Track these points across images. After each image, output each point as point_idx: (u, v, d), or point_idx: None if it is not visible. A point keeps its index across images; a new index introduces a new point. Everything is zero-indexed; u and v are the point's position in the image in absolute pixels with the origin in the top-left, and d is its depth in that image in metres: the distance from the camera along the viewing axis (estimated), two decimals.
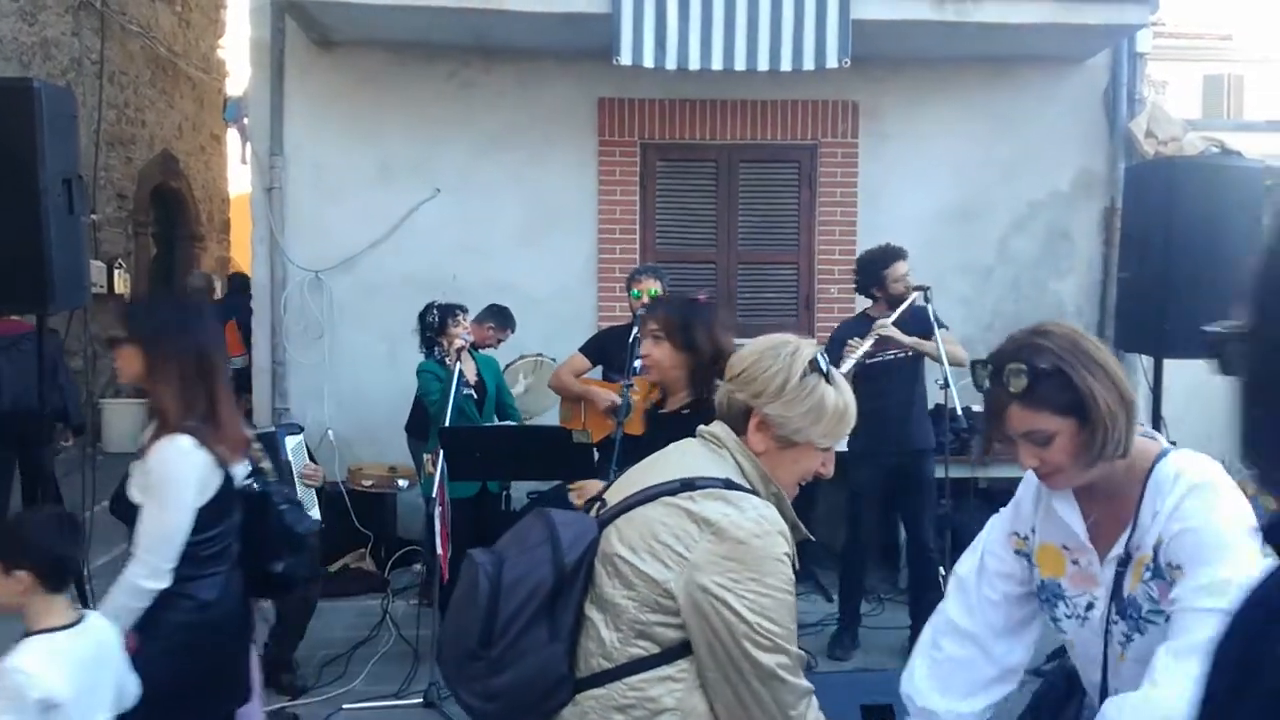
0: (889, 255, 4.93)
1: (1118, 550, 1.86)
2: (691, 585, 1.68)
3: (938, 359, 4.71)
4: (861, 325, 4.90)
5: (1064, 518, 1.92)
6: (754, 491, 1.78)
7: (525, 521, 1.85)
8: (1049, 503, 1.96)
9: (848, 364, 4.61)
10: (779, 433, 1.81)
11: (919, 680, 2.07)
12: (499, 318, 5.97)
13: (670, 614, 1.70)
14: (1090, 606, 1.91)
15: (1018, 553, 2.04)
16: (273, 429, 4.89)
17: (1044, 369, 1.76)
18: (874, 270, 4.96)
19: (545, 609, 1.71)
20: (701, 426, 1.90)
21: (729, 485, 1.75)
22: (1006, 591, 2.05)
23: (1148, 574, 1.81)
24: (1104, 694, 1.92)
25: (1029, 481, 2.05)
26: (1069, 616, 1.95)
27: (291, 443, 4.76)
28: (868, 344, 4.68)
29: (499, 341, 5.95)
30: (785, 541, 1.73)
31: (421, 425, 5.81)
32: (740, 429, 1.84)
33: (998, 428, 1.85)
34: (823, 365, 1.83)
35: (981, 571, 2.08)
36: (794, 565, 1.76)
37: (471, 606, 1.73)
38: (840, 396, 1.84)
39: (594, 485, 3.13)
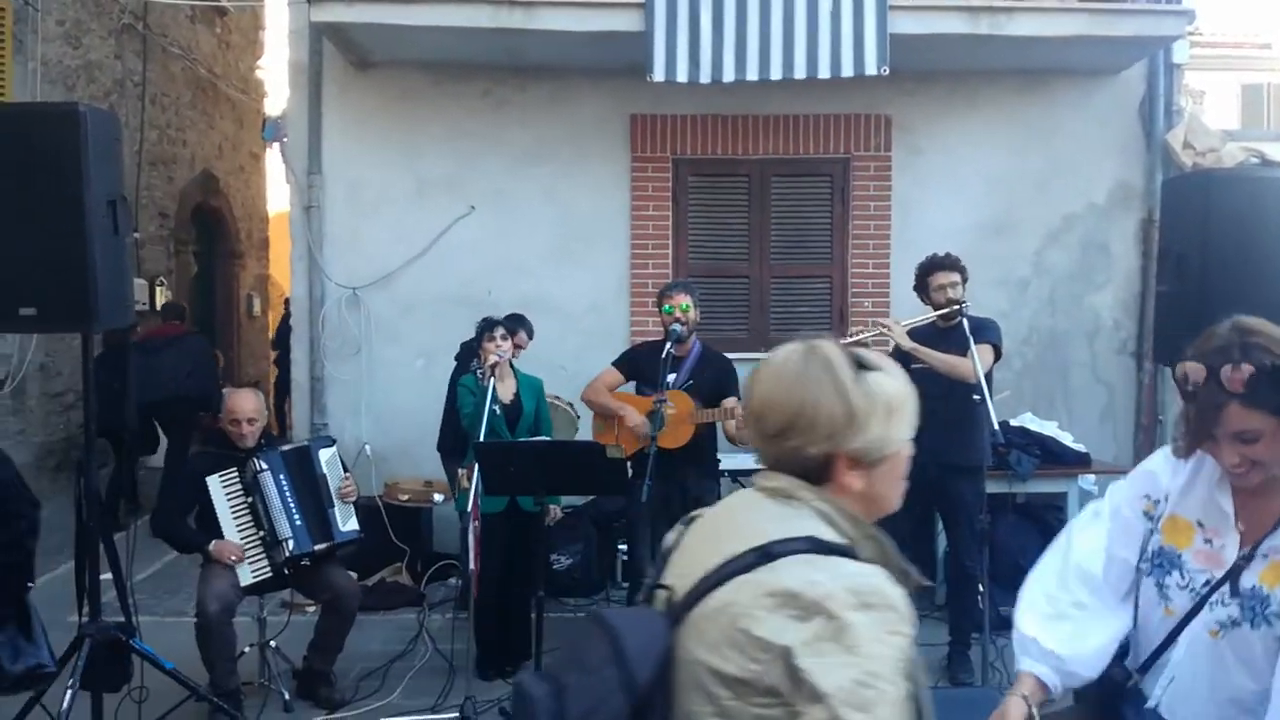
0: (934, 264, 4.97)
1: (1249, 544, 1.93)
2: (784, 676, 1.33)
3: (943, 371, 4.71)
4: (922, 330, 4.93)
5: (1218, 500, 1.97)
6: (849, 549, 1.43)
7: (582, 634, 1.48)
8: (1198, 480, 2.02)
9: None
10: (871, 459, 1.49)
11: (1041, 621, 2.09)
12: (510, 322, 5.88)
13: None
14: (1207, 584, 1.97)
15: (1145, 514, 2.09)
16: (306, 443, 4.95)
17: (1267, 367, 1.78)
18: (920, 276, 5.04)
19: None
20: (761, 479, 1.55)
21: (816, 547, 1.41)
22: (1126, 554, 2.10)
23: None
24: (1156, 652, 2.01)
25: (1166, 454, 2.10)
26: (1181, 588, 2.00)
27: (325, 455, 4.81)
28: (867, 335, 4.83)
29: (516, 349, 5.82)
30: (896, 615, 1.36)
31: (450, 444, 5.82)
32: (820, 478, 1.49)
33: (1210, 427, 1.86)
34: (860, 356, 1.53)
35: (1114, 524, 2.13)
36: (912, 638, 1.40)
37: None
38: (893, 378, 1.52)
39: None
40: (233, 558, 4.48)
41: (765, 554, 1.40)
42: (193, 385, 7.66)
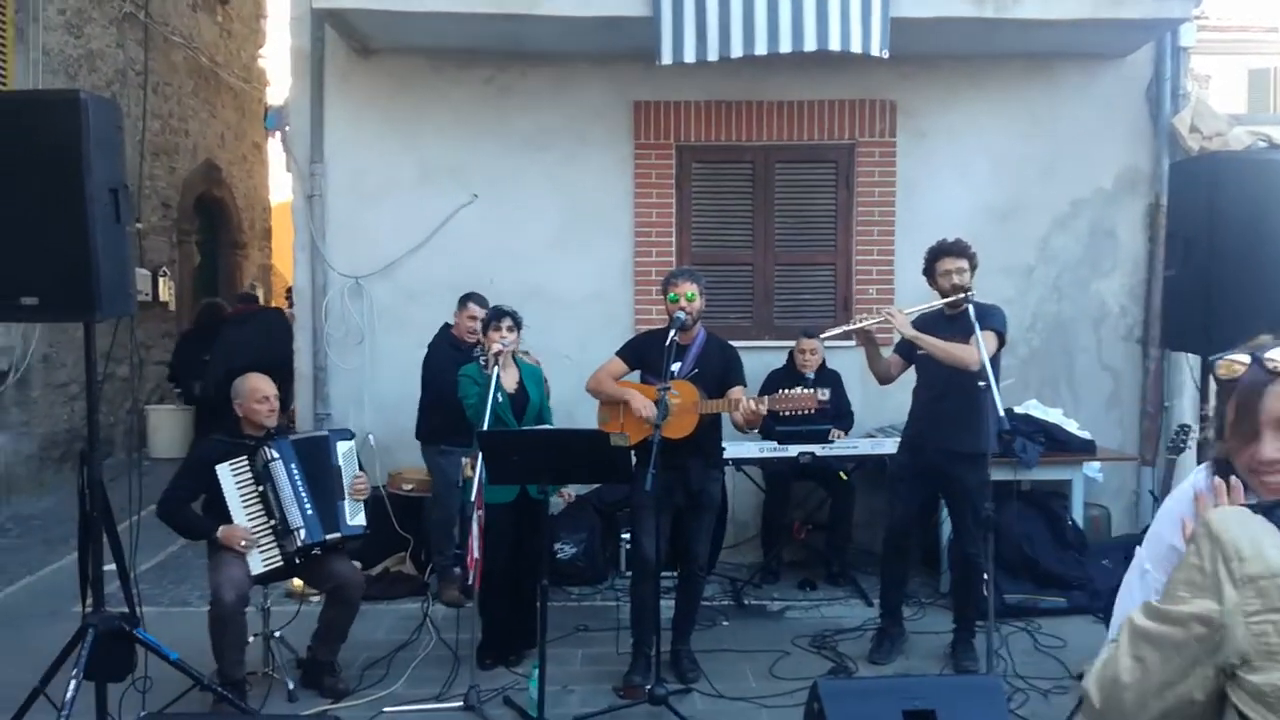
0: (941, 250, 4.95)
1: None
2: None
3: (944, 359, 4.69)
4: (929, 318, 4.93)
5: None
6: None
7: None
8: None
9: (834, 331, 5.08)
10: None
11: None
12: (477, 302, 5.88)
13: None
14: None
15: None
16: (325, 433, 4.93)
17: None
18: (927, 262, 5.01)
19: None
20: None
21: None
22: None
23: None
24: None
25: (1169, 511, 1.92)
26: None
27: (343, 448, 4.80)
28: (869, 322, 4.84)
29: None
30: None
31: (429, 431, 5.83)
32: None
33: (1252, 417, 1.73)
34: None
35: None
36: None
37: None
38: None
39: None
40: (243, 543, 4.47)
41: None
42: (271, 352, 7.74)
